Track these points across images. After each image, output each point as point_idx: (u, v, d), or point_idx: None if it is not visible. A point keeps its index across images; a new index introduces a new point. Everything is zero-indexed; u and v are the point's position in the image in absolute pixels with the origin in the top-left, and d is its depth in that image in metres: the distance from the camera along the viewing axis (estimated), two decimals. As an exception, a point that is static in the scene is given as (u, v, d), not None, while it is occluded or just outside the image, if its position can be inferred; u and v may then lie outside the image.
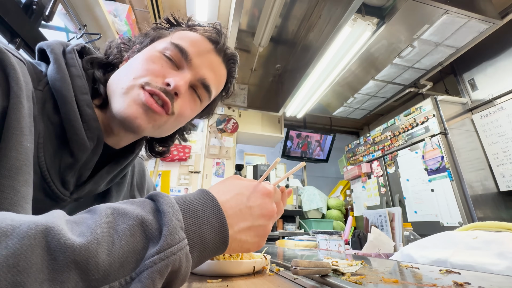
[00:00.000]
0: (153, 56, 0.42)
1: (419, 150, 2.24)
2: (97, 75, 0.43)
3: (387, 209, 1.21)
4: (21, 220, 0.18)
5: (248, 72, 2.65)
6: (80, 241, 0.19)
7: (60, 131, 0.37)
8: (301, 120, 3.67)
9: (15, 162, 0.28)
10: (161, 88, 0.40)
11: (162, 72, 0.42)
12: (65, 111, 0.36)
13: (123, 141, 0.47)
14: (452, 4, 1.67)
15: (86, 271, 0.19)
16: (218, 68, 0.48)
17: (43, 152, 0.34)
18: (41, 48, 0.41)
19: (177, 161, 2.73)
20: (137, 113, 0.39)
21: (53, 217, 0.20)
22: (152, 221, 0.24)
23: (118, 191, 0.52)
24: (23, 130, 0.29)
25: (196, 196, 0.30)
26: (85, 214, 0.23)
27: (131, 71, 0.41)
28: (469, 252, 0.58)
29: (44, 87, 0.36)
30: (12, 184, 0.27)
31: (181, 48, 0.43)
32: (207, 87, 0.46)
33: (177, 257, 0.23)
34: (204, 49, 0.45)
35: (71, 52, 0.41)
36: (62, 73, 0.37)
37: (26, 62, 0.34)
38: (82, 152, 0.38)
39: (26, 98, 0.30)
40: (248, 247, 0.34)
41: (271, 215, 0.36)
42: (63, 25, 1.38)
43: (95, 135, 0.39)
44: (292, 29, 2.14)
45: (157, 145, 0.56)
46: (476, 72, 2.37)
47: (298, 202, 2.87)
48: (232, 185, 0.35)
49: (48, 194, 0.36)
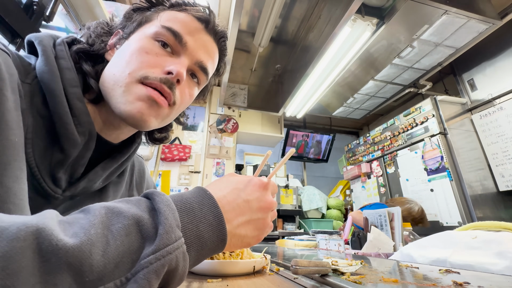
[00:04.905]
0: (145, 44, 0.40)
1: (419, 150, 2.25)
2: (86, 68, 0.40)
3: (386, 209, 1.21)
4: (10, 221, 0.17)
5: (248, 72, 2.65)
6: (73, 242, 0.19)
7: (50, 126, 0.35)
8: (301, 120, 3.67)
9: (2, 157, 0.26)
10: (162, 79, 0.39)
11: (159, 61, 0.40)
12: (53, 105, 0.35)
13: (123, 135, 0.46)
14: (451, 5, 1.67)
15: (79, 273, 0.18)
16: (211, 48, 0.46)
17: (32, 148, 0.33)
18: (29, 40, 0.39)
19: (177, 161, 2.73)
20: (141, 109, 0.38)
21: (45, 217, 0.19)
22: (147, 220, 0.24)
23: (115, 189, 0.50)
24: (8, 123, 0.27)
25: (193, 194, 0.30)
26: (79, 214, 0.23)
27: (125, 65, 0.39)
28: (469, 251, 0.58)
29: (32, 80, 0.35)
30: (1, 180, 0.26)
31: (174, 31, 0.41)
32: (204, 69, 0.45)
33: (173, 256, 0.23)
34: (196, 29, 0.43)
35: (61, 44, 0.39)
36: (50, 65, 0.36)
37: (11, 53, 0.33)
38: (73, 148, 0.36)
39: (11, 91, 0.29)
40: (248, 241, 0.33)
41: (269, 207, 0.35)
42: (64, 25, 1.38)
43: (86, 129, 0.37)
44: (292, 29, 2.14)
45: (157, 132, 0.54)
46: (475, 72, 2.37)
47: (298, 202, 2.87)
48: (228, 181, 0.35)
49: (39, 192, 0.35)
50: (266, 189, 0.36)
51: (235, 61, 2.37)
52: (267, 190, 0.36)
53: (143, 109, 0.38)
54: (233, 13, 1.57)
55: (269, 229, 0.37)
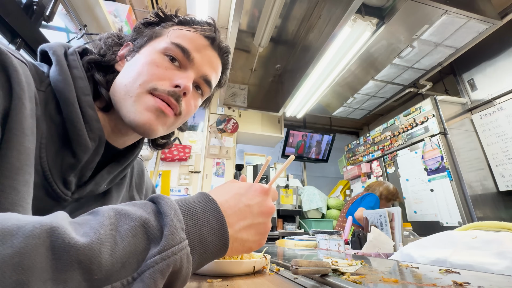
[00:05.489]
0: (156, 58, 0.43)
1: (419, 150, 2.25)
2: (98, 78, 0.43)
3: (386, 209, 1.21)
4: (26, 220, 0.18)
5: (248, 72, 2.65)
6: (83, 241, 0.19)
7: (62, 132, 0.37)
8: (301, 120, 3.67)
9: (16, 162, 0.28)
10: (169, 92, 0.41)
11: (168, 74, 0.42)
12: (67, 112, 0.37)
13: (130, 140, 0.49)
14: (451, 5, 1.67)
15: (89, 270, 0.19)
16: (215, 63, 0.49)
17: (45, 152, 0.35)
18: (43, 50, 0.42)
19: (177, 161, 2.73)
20: (150, 119, 0.41)
21: (57, 217, 0.20)
22: (153, 222, 0.24)
23: (118, 191, 0.52)
24: (24, 131, 0.29)
25: (196, 199, 0.30)
26: (88, 216, 0.24)
27: (136, 76, 0.41)
28: (469, 251, 0.58)
29: (46, 88, 0.37)
30: (13, 184, 0.27)
31: (183, 48, 0.44)
32: (208, 82, 0.49)
33: (178, 257, 0.23)
34: (202, 46, 0.47)
35: (73, 54, 0.42)
36: (65, 74, 0.38)
37: (28, 63, 0.35)
38: (84, 153, 0.38)
39: (29, 99, 0.31)
40: (250, 246, 0.34)
41: (270, 212, 0.36)
42: (64, 26, 1.38)
43: (97, 135, 0.40)
44: (292, 29, 2.14)
45: (160, 139, 0.57)
46: (475, 72, 2.37)
47: (298, 202, 2.87)
48: (229, 187, 0.36)
49: (50, 194, 0.36)
50: (267, 195, 0.37)
51: (235, 61, 2.37)
52: (267, 196, 0.37)
53: (151, 119, 0.41)
54: (233, 13, 1.57)
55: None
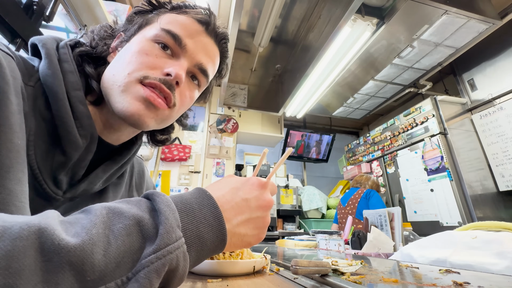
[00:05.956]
0: (145, 46, 0.40)
1: (419, 150, 2.25)
2: (89, 70, 0.41)
3: (386, 209, 1.21)
4: (13, 221, 0.18)
5: (248, 72, 2.65)
6: (74, 242, 0.19)
7: (52, 128, 0.35)
8: (301, 120, 3.66)
9: (5, 160, 0.27)
10: (161, 80, 0.39)
11: (158, 63, 0.40)
12: (56, 108, 0.35)
13: (124, 136, 0.46)
14: (451, 5, 1.67)
15: (81, 272, 0.18)
16: (211, 50, 0.46)
17: (34, 150, 0.33)
18: (33, 43, 0.39)
19: (177, 161, 2.73)
20: (139, 109, 0.38)
21: (47, 217, 0.20)
22: (148, 220, 0.24)
23: (115, 191, 0.50)
24: (12, 127, 0.28)
25: (193, 195, 0.30)
26: (80, 214, 0.23)
27: (124, 65, 0.39)
28: (469, 251, 0.58)
29: (35, 83, 0.35)
30: (3, 183, 0.26)
31: (174, 34, 0.41)
32: (204, 72, 0.45)
33: (174, 256, 0.23)
34: (196, 32, 0.43)
35: (64, 47, 0.40)
36: (54, 68, 0.36)
37: (15, 56, 0.33)
38: (75, 150, 0.37)
39: (15, 94, 0.29)
40: (248, 240, 0.33)
41: (268, 205, 0.35)
42: (64, 25, 1.38)
43: (88, 132, 0.38)
44: (292, 29, 2.14)
45: (158, 134, 0.55)
46: (475, 72, 2.37)
47: (298, 202, 2.87)
48: (226, 181, 0.35)
49: (40, 194, 0.35)
50: (265, 188, 0.36)
51: (235, 61, 2.37)
52: (265, 189, 0.36)
53: (140, 110, 0.38)
54: (233, 13, 1.57)
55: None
